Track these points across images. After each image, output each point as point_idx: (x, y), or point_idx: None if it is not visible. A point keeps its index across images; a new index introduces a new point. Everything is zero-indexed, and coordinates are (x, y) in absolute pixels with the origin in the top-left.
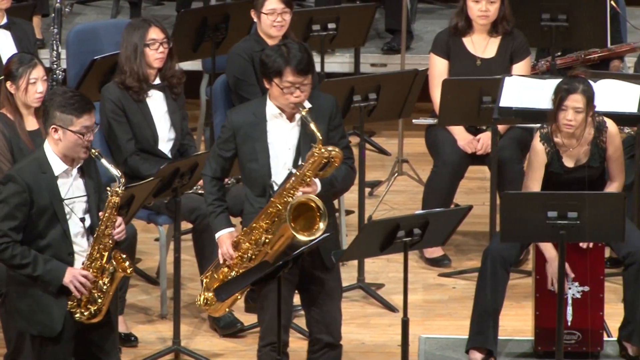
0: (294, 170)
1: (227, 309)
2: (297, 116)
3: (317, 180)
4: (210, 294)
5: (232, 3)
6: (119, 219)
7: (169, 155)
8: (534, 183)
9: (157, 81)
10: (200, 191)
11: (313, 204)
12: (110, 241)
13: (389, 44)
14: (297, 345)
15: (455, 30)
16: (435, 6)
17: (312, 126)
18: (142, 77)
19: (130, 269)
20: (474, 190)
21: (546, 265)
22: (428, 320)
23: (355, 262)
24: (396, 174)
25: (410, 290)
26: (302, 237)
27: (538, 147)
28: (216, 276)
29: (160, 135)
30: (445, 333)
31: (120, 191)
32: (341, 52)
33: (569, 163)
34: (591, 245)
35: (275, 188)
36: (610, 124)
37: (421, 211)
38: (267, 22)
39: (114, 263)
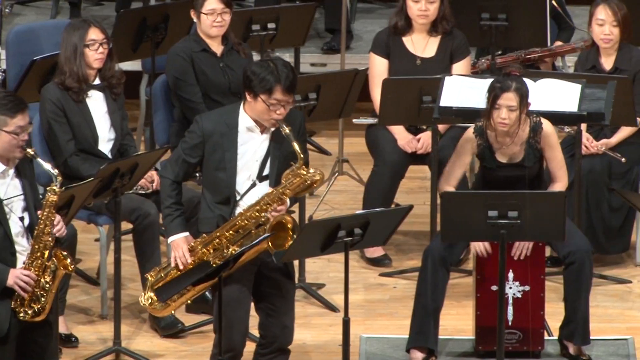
0: (257, 182)
1: (172, 311)
2: (270, 129)
3: (287, 199)
4: (154, 295)
5: (171, 3)
6: (57, 217)
7: (109, 156)
8: (458, 169)
9: (97, 81)
10: (140, 191)
11: (290, 225)
12: (50, 239)
13: (329, 43)
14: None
15: (395, 30)
16: (374, 6)
17: (295, 146)
18: (82, 77)
19: (72, 266)
20: (415, 189)
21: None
22: (369, 319)
23: (296, 262)
24: (337, 174)
25: (351, 290)
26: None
27: (469, 136)
28: (162, 275)
29: (100, 135)
30: (386, 333)
31: (57, 190)
32: (281, 51)
33: (501, 158)
34: (522, 256)
35: (238, 198)
36: (546, 124)
37: (362, 211)
38: (207, 23)
39: (55, 261)
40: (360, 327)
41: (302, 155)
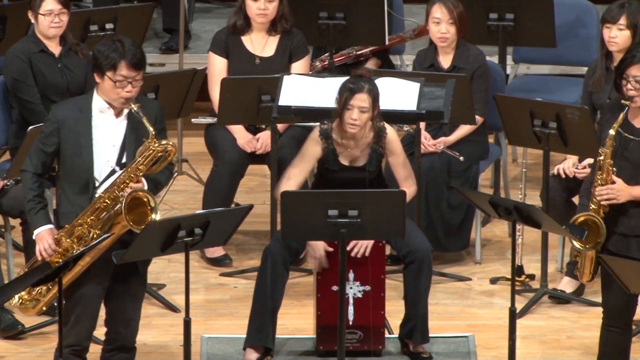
0: (117, 168)
1: (44, 308)
2: (125, 112)
3: (142, 178)
4: (25, 295)
5: (9, 4)
6: None
7: None
8: (299, 173)
9: None
10: None
11: (145, 199)
12: None
13: (167, 43)
14: (94, 348)
15: (234, 29)
16: (213, 5)
17: (144, 121)
18: None
19: None
20: (255, 189)
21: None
22: (210, 320)
23: None
24: (176, 174)
25: (192, 290)
26: (138, 231)
27: (314, 138)
28: None
29: None
30: (227, 332)
31: None
32: None
33: (344, 161)
34: (360, 254)
35: (97, 185)
36: (390, 131)
37: (202, 211)
38: (45, 23)
39: None
40: (201, 327)
41: (152, 130)
